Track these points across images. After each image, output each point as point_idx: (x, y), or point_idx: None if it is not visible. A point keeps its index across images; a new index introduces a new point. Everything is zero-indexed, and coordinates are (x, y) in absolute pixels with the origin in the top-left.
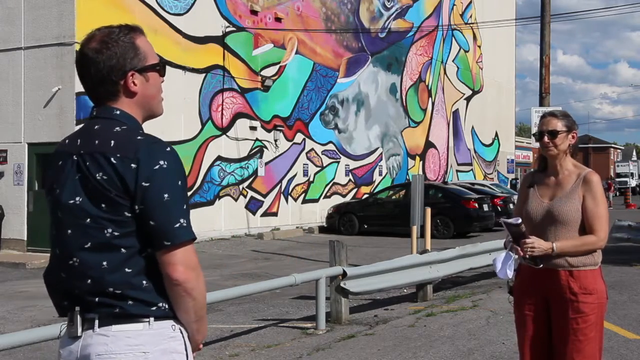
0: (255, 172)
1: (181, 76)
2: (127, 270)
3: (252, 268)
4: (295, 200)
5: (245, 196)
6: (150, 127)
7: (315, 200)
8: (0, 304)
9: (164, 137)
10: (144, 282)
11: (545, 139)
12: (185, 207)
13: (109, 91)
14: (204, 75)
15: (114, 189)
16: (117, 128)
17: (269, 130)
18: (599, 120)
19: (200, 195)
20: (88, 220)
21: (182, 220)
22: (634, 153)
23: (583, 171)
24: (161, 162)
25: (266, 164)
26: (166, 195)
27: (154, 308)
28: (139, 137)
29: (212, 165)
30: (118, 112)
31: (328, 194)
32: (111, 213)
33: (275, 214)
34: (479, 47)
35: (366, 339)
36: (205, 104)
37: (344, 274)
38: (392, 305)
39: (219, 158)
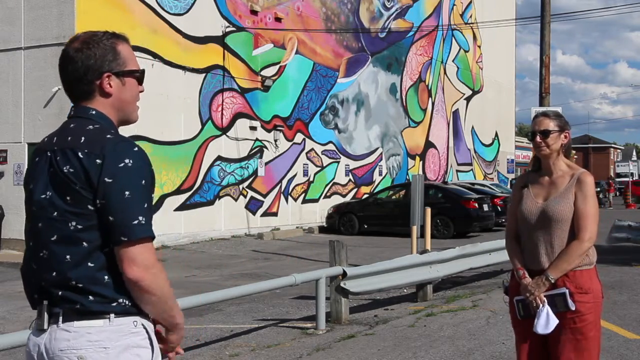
0: (255, 172)
1: (181, 76)
2: (89, 264)
3: (252, 268)
4: (295, 200)
5: (245, 196)
6: (150, 127)
7: (315, 200)
8: (0, 304)
9: (163, 137)
10: (106, 277)
11: (538, 138)
12: (146, 206)
13: (85, 90)
14: (204, 75)
15: (79, 181)
16: (90, 126)
17: (269, 130)
18: (599, 120)
19: (200, 195)
20: (55, 213)
21: (140, 218)
22: (634, 153)
23: (577, 171)
24: (126, 161)
25: (266, 164)
26: (127, 193)
27: (114, 304)
28: (108, 136)
29: (212, 165)
30: (94, 112)
31: (328, 194)
32: (75, 206)
33: (275, 214)
34: (479, 47)
35: (366, 339)
36: (205, 104)
37: (344, 274)
38: (392, 305)
39: (219, 158)
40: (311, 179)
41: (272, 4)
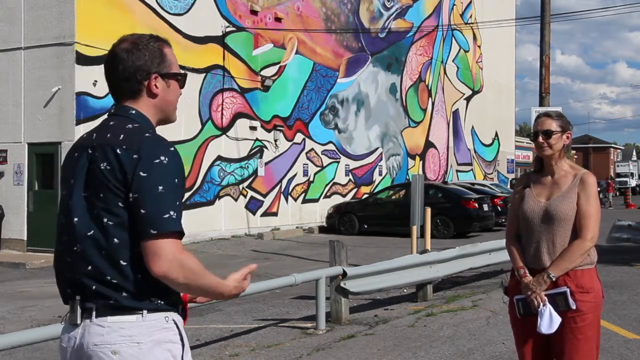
0: (255, 172)
1: None
2: (122, 262)
3: None
4: (295, 200)
5: (245, 196)
6: None
7: (315, 200)
8: (0, 304)
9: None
10: (139, 276)
11: (540, 139)
12: (178, 203)
13: (132, 89)
14: (204, 75)
15: (113, 179)
16: (130, 125)
17: (269, 130)
18: (599, 120)
19: (200, 195)
20: (91, 209)
21: (172, 212)
22: (634, 153)
23: (579, 172)
24: (162, 158)
25: (266, 164)
26: (161, 187)
27: (146, 302)
28: (146, 134)
29: (212, 165)
30: (134, 112)
31: (328, 194)
32: (106, 203)
33: (275, 214)
34: (479, 47)
35: (366, 339)
36: (205, 104)
37: (344, 274)
38: (392, 305)
39: (219, 158)
40: (311, 179)
41: (272, 4)
